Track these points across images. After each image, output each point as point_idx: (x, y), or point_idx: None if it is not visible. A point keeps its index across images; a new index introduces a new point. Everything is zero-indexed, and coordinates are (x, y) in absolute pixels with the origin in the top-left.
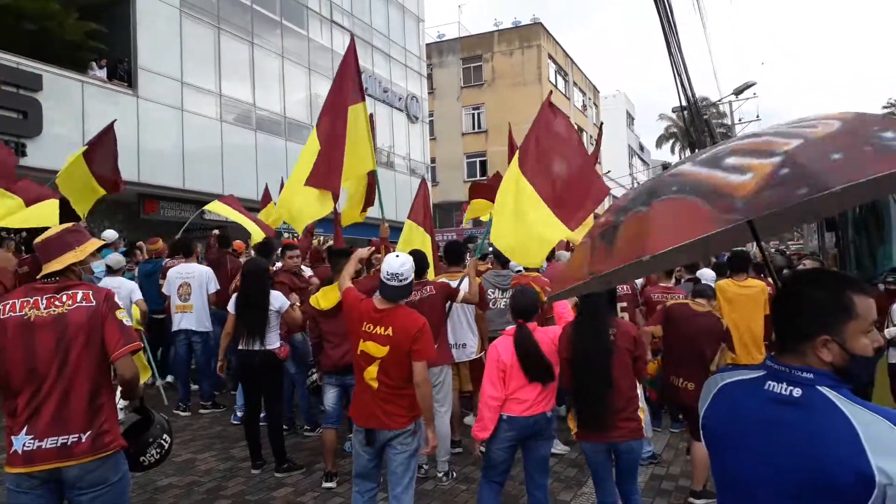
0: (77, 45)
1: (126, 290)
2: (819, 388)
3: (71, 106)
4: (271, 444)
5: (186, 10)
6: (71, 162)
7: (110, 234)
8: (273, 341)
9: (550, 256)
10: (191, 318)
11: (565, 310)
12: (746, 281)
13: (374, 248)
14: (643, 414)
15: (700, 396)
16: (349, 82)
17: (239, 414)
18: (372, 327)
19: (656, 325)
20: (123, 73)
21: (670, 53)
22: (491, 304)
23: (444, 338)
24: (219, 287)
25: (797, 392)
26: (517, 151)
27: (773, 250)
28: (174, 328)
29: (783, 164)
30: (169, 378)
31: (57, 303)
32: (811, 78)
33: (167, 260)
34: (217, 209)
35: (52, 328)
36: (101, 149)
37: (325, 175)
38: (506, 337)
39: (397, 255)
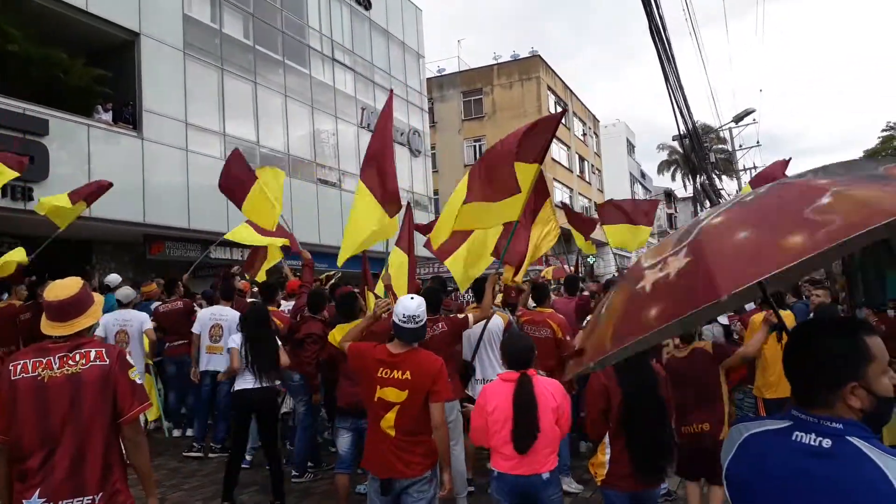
0: (83, 90)
1: (137, 322)
2: (849, 438)
3: (77, 149)
4: (274, 485)
5: (190, 52)
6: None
7: (114, 279)
8: (273, 378)
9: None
10: (220, 359)
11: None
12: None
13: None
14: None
15: (723, 447)
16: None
17: (248, 458)
18: (388, 372)
19: None
20: (129, 115)
21: (668, 84)
22: None
23: (455, 373)
24: None
25: (827, 443)
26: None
27: None
28: (202, 368)
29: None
30: (166, 425)
31: (70, 362)
32: (810, 102)
33: (157, 304)
34: (237, 236)
35: (66, 388)
36: None
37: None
38: (499, 382)
39: (412, 297)
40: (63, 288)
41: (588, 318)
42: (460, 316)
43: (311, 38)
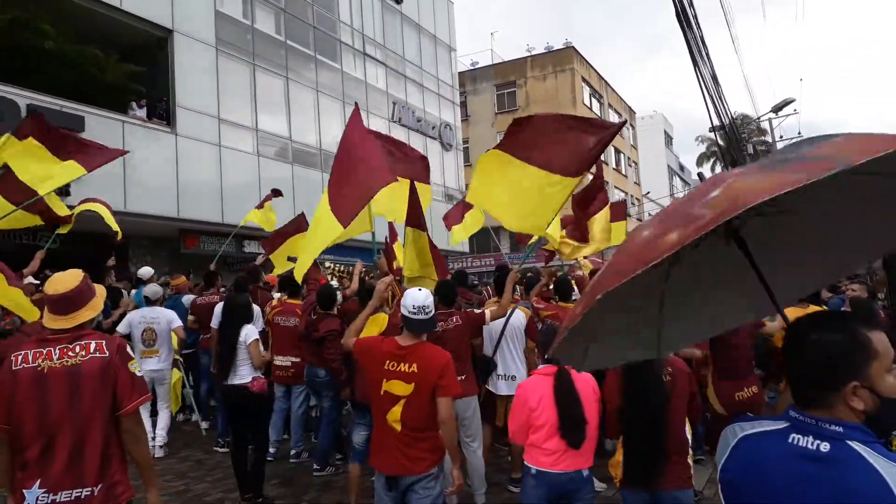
0: (118, 87)
1: (165, 320)
2: (849, 442)
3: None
4: (251, 472)
5: (222, 48)
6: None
7: (146, 271)
8: (244, 375)
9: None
10: None
11: None
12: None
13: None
14: (692, 461)
15: (718, 447)
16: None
17: (272, 451)
18: (395, 365)
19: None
20: (162, 111)
21: (698, 73)
22: None
23: (471, 369)
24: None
25: (825, 447)
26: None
27: None
28: None
29: None
30: (195, 416)
31: (70, 353)
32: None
33: (194, 297)
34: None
35: (65, 379)
36: None
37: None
38: (537, 377)
39: (419, 289)
40: (63, 281)
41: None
42: (476, 311)
43: (342, 32)
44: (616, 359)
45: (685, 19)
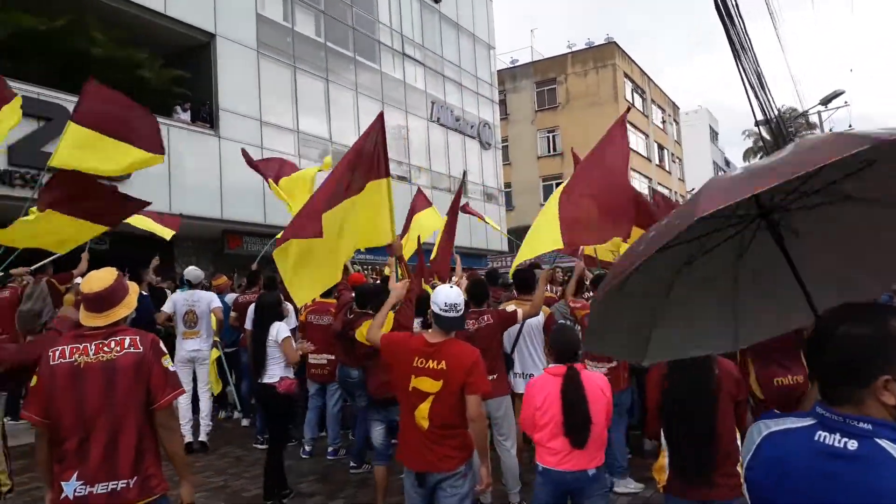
0: (163, 91)
1: (205, 302)
2: (878, 440)
3: None
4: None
5: (263, 51)
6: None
7: (196, 274)
8: (273, 374)
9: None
10: None
11: None
12: None
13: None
14: (742, 469)
15: (743, 445)
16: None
17: (308, 448)
18: (424, 361)
19: None
20: (206, 114)
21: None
22: None
23: (503, 367)
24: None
25: (853, 445)
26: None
27: None
28: None
29: None
30: (237, 414)
31: (105, 349)
32: None
33: (237, 295)
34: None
35: (101, 374)
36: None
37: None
38: (546, 376)
39: (451, 286)
40: (99, 280)
41: None
42: (509, 309)
43: (381, 33)
44: (682, 350)
45: (726, 12)
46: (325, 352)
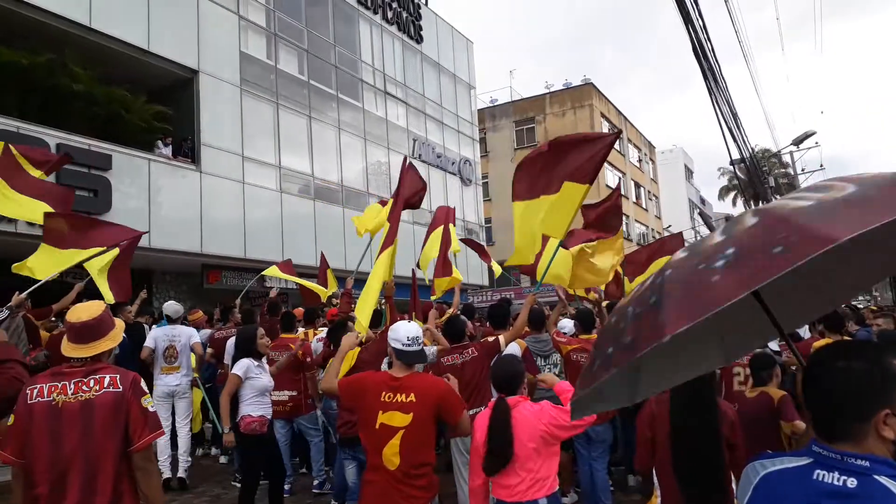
0: (145, 127)
1: (185, 337)
2: (877, 477)
3: (139, 183)
4: None
5: (246, 87)
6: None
7: (174, 310)
8: (241, 412)
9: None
10: None
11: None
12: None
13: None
14: None
15: (739, 486)
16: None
17: (286, 486)
18: (392, 396)
19: None
20: (188, 150)
21: (715, 105)
22: None
23: (490, 400)
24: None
25: (852, 483)
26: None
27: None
28: None
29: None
30: (214, 450)
31: (84, 387)
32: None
33: (211, 331)
34: (274, 273)
35: (79, 414)
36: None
37: None
38: (486, 410)
39: (409, 322)
40: (86, 310)
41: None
42: (490, 339)
43: (363, 72)
44: (670, 380)
45: (701, 52)
46: (286, 388)
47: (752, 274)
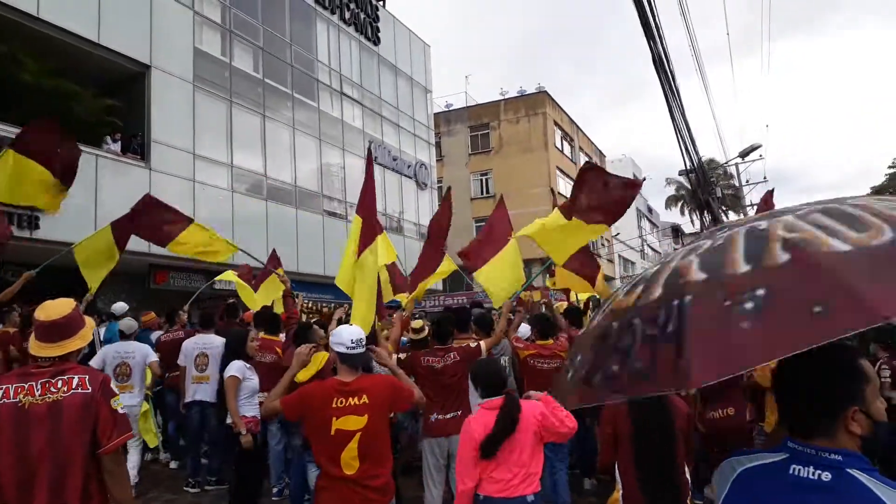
0: (94, 121)
1: (141, 354)
2: (849, 470)
3: (84, 179)
4: None
5: (199, 84)
6: (97, 234)
7: (121, 307)
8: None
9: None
10: (206, 389)
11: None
12: None
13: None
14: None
15: (717, 483)
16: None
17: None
18: (344, 400)
19: None
20: (137, 146)
21: (672, 116)
22: None
23: (467, 405)
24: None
25: (826, 476)
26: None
27: None
28: (188, 399)
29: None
30: (163, 455)
31: (52, 388)
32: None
33: (160, 333)
34: (230, 278)
35: (47, 416)
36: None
37: None
38: (483, 411)
39: (348, 325)
40: (55, 308)
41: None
42: (472, 344)
43: (320, 72)
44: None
45: (660, 62)
46: (269, 389)
47: (789, 337)
